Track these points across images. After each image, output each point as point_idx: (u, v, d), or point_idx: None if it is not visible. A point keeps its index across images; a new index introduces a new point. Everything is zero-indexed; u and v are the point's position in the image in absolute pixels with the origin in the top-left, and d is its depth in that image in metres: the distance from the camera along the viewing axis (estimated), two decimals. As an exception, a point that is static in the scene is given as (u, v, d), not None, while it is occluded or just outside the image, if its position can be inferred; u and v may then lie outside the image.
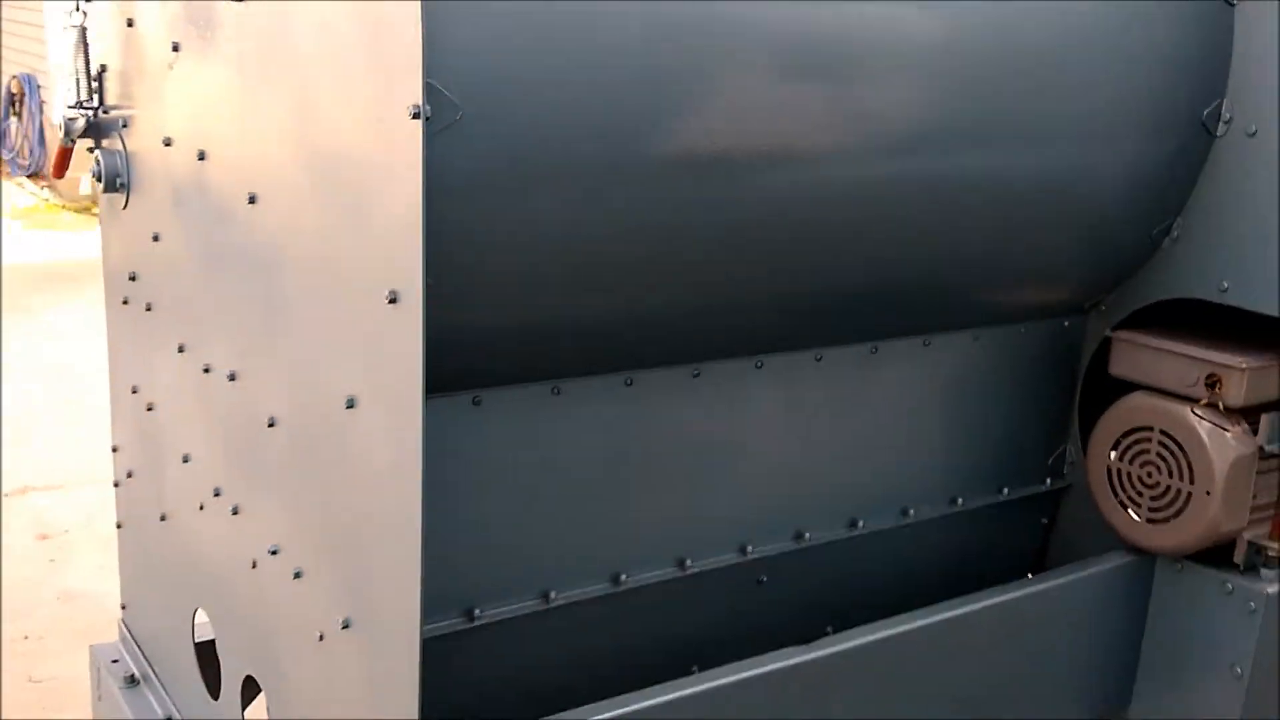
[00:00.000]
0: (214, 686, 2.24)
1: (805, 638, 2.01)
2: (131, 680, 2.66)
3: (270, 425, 1.84)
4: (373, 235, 1.50)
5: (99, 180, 2.40)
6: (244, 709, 2.12)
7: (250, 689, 2.09)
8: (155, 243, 2.27)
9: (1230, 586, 2.30)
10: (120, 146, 2.38)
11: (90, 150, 2.54)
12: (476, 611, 1.94)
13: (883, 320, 2.22)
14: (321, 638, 1.77)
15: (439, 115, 1.45)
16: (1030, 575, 2.49)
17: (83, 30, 2.38)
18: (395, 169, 1.42)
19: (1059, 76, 2.03)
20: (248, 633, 2.04)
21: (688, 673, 1.93)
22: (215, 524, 2.12)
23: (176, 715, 2.47)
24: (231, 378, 1.97)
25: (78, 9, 2.38)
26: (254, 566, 1.98)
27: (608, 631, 2.09)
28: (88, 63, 2.40)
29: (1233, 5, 2.16)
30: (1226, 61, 2.18)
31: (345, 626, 1.69)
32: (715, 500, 2.14)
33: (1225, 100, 2.19)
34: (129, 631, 2.76)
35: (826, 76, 1.79)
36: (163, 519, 2.41)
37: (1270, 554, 2.31)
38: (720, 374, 2.07)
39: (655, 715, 1.80)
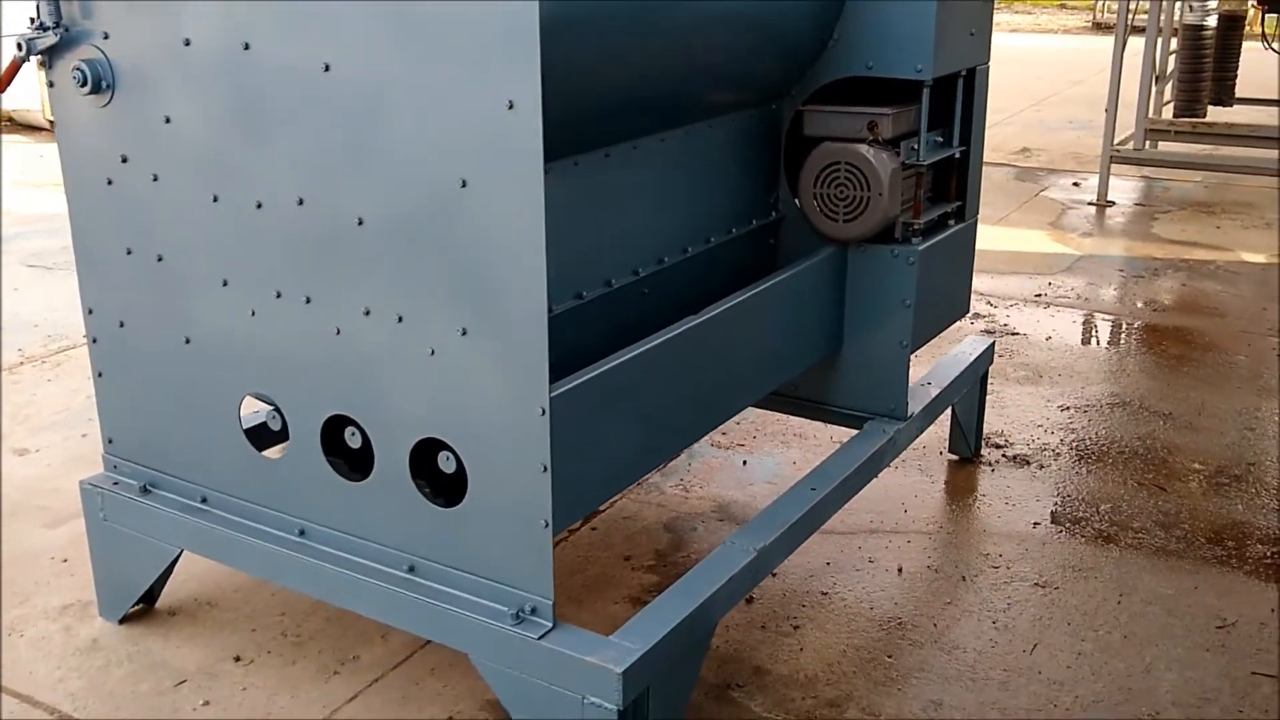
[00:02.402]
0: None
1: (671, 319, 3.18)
2: (145, 490, 3.35)
3: (359, 224, 2.70)
4: (485, 64, 2.42)
5: (83, 85, 3.00)
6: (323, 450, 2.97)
7: (335, 426, 2.94)
8: (166, 124, 2.94)
9: (895, 251, 3.72)
10: (100, 55, 2.99)
11: (43, 64, 3.12)
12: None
13: (666, 116, 3.36)
14: (433, 352, 2.69)
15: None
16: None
17: (49, -40, 2.95)
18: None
19: (774, -60, 3.23)
20: (333, 382, 2.88)
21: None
22: (276, 320, 2.92)
23: (208, 491, 3.22)
24: (300, 202, 2.78)
25: (43, -56, 2.93)
26: (338, 333, 2.83)
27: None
28: (53, -12, 2.97)
29: (854, -113, 3.46)
30: (854, -78, 3.48)
31: (464, 334, 2.63)
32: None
33: (857, -52, 3.51)
34: (120, 458, 3.41)
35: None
36: (187, 341, 3.12)
37: (915, 228, 3.75)
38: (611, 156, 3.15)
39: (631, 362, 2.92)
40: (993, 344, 4.57)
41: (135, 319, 3.22)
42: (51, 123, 9.38)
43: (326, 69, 2.64)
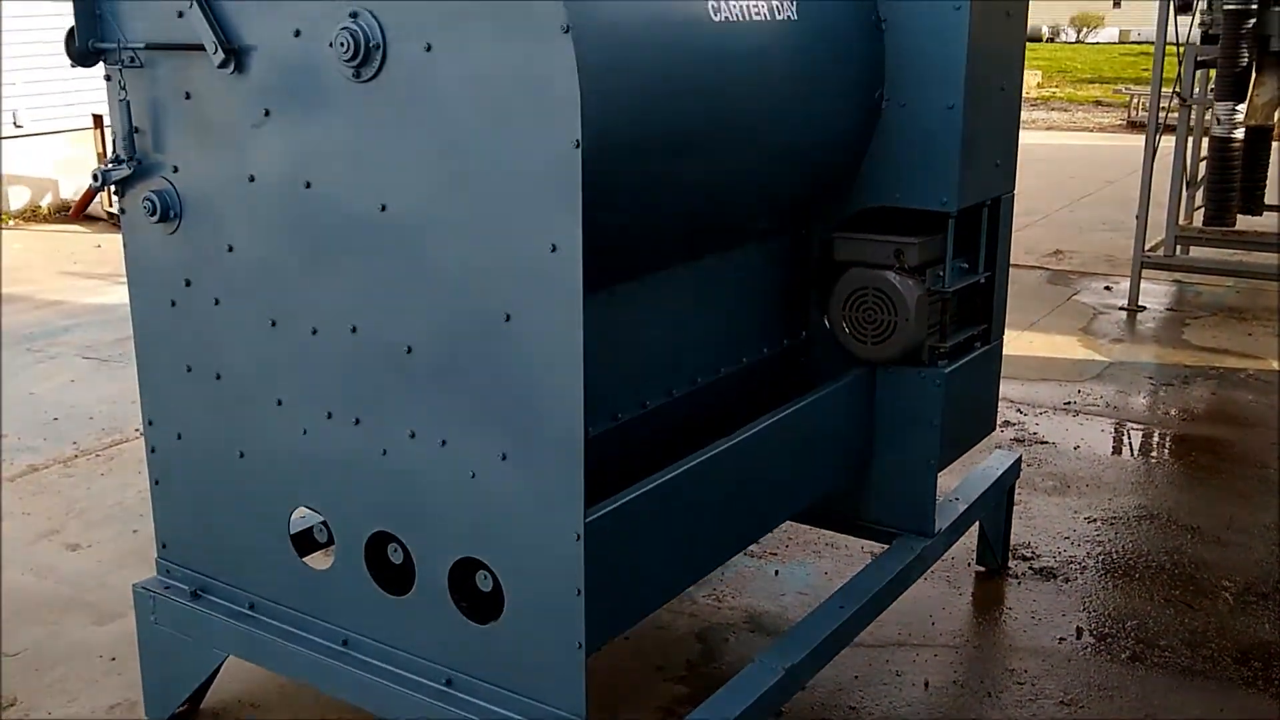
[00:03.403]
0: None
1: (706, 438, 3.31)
2: (195, 595, 3.49)
3: (408, 351, 2.86)
4: (530, 209, 2.58)
5: (153, 214, 3.20)
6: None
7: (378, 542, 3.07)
8: (229, 252, 3.13)
9: (922, 374, 3.84)
10: (169, 186, 3.20)
11: (117, 194, 3.33)
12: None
13: (700, 246, 3.52)
14: (474, 475, 2.83)
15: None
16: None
17: (128, 102, 3.16)
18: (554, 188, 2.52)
19: (799, 87, 3.41)
20: (378, 500, 3.02)
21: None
22: (327, 439, 3.07)
23: (256, 599, 3.36)
24: (354, 330, 2.95)
25: (122, 87, 3.15)
26: (384, 454, 2.98)
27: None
28: (130, 125, 3.19)
29: (882, 30, 3.64)
30: (882, 62, 3.65)
31: (504, 459, 2.77)
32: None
33: (884, 87, 3.68)
34: (173, 563, 3.56)
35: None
36: (241, 456, 3.28)
37: (940, 351, 3.87)
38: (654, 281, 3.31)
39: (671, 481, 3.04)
40: (1019, 458, 4.65)
41: (193, 432, 3.39)
42: (110, 214, 9.78)
43: (383, 208, 2.81)
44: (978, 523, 4.49)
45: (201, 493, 3.42)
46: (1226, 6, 7.44)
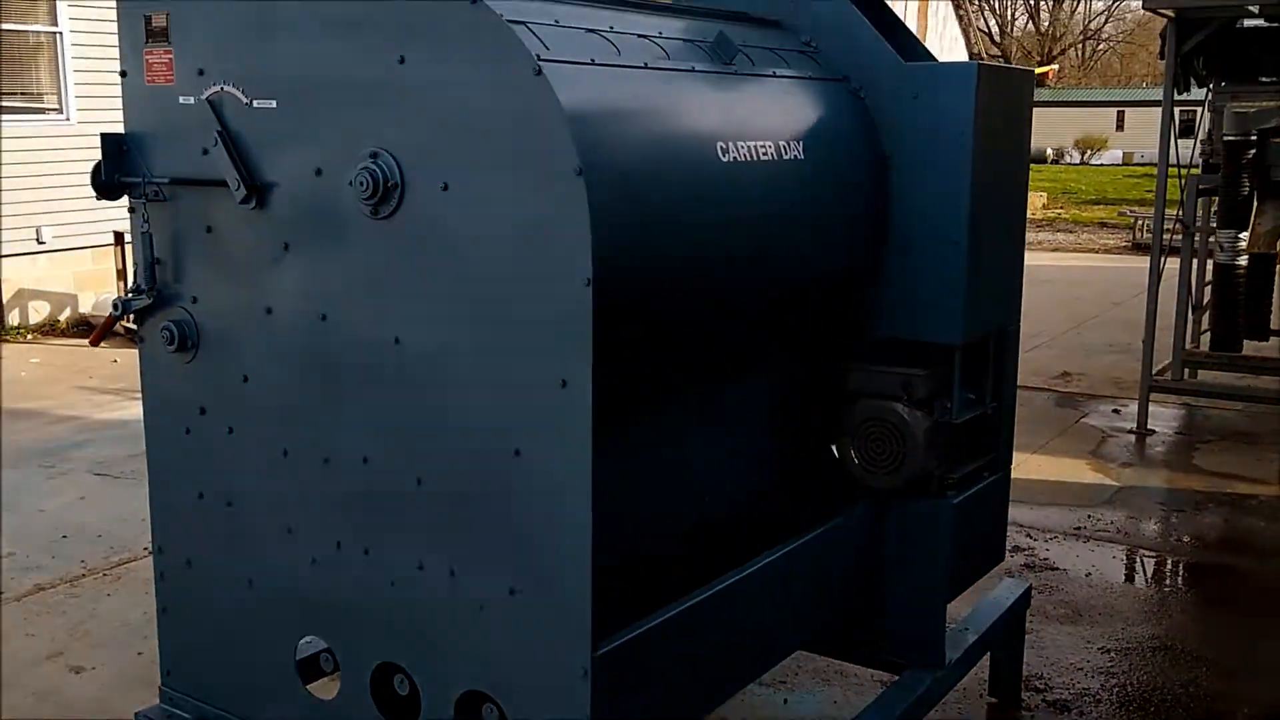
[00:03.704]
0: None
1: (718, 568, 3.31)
2: (197, 724, 3.47)
3: (418, 484, 2.88)
4: (540, 348, 2.63)
5: (170, 342, 3.26)
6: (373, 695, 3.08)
7: (383, 674, 3.06)
8: (244, 382, 3.18)
9: (931, 504, 3.84)
10: (188, 316, 3.26)
11: (136, 322, 3.39)
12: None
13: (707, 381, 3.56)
14: (482, 608, 2.83)
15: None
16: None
17: (150, 234, 3.24)
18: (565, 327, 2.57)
19: (807, 224, 3.48)
20: (385, 630, 3.02)
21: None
22: (335, 569, 3.08)
23: (262, 730, 3.33)
24: (365, 460, 2.98)
25: (145, 220, 3.24)
26: (392, 585, 2.98)
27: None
28: (152, 256, 3.26)
29: (887, 166, 3.72)
30: (888, 197, 3.73)
31: (512, 593, 2.77)
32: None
33: (890, 221, 3.75)
34: (177, 692, 3.53)
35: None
36: (250, 584, 3.28)
37: (948, 482, 3.88)
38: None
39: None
40: (1029, 587, 4.63)
41: (202, 559, 3.39)
42: (128, 329, 9.78)
43: (397, 342, 2.87)
44: (989, 653, 4.44)
45: (208, 621, 3.42)
46: (1227, 137, 7.60)
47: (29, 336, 11.86)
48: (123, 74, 3.26)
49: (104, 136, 3.25)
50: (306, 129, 2.94)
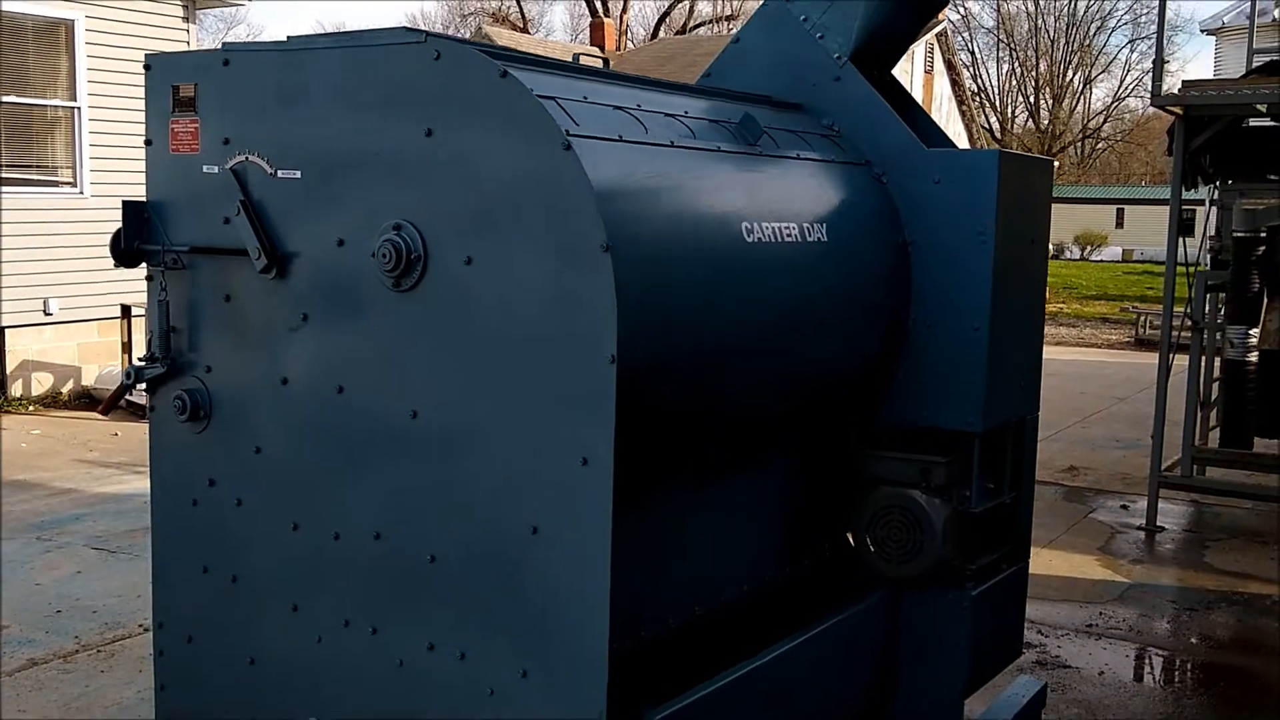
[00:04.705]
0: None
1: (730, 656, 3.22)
2: (192, 808, 3.35)
3: (431, 560, 2.82)
4: (560, 422, 2.59)
5: (182, 412, 3.22)
6: (375, 777, 2.98)
7: (387, 759, 2.96)
8: (256, 454, 3.13)
9: (949, 595, 3.77)
10: (200, 385, 3.22)
11: (148, 391, 3.35)
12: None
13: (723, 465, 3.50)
14: (492, 692, 2.75)
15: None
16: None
17: (167, 302, 3.21)
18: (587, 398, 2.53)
19: (829, 308, 3.45)
20: (391, 713, 2.92)
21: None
22: (342, 648, 3.00)
23: (258, 818, 3.22)
24: (377, 536, 2.91)
25: (163, 288, 3.21)
26: (400, 665, 2.90)
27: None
28: (167, 324, 3.23)
29: (909, 253, 3.71)
30: (909, 284, 3.71)
31: (524, 675, 2.69)
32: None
33: (911, 306, 3.73)
34: (171, 773, 3.43)
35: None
36: (252, 662, 3.19)
37: (967, 571, 3.81)
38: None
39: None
40: (1045, 686, 4.52)
41: (204, 636, 3.31)
42: (130, 403, 9.69)
43: (414, 415, 2.82)
44: (1004, 752, 4.32)
45: (209, 700, 3.32)
46: (1236, 234, 7.63)
47: (30, 408, 11.79)
48: (148, 142, 3.26)
49: (126, 204, 3.23)
50: (330, 200, 2.93)
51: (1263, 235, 7.60)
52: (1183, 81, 8.08)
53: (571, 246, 2.54)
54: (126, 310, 11.75)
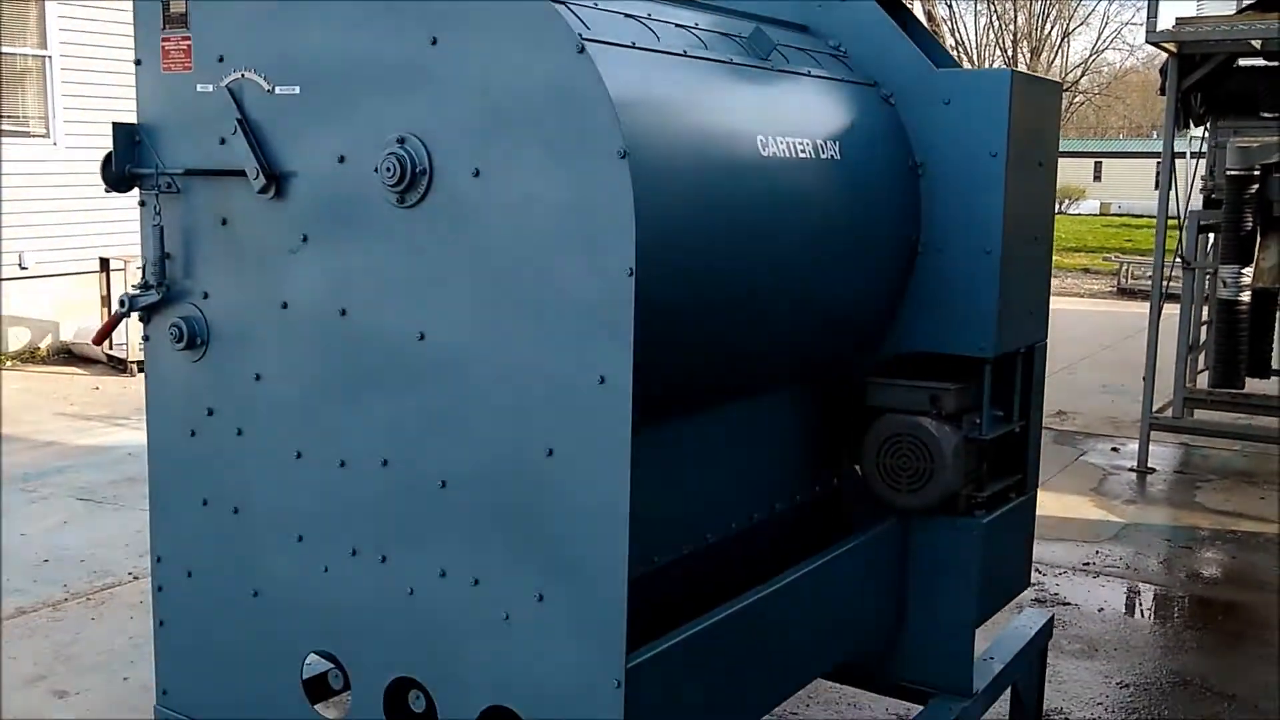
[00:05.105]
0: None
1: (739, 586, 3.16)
2: (196, 744, 3.29)
3: (442, 486, 2.74)
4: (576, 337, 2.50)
5: (179, 340, 3.12)
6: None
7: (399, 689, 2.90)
8: (256, 381, 3.04)
9: (959, 524, 3.72)
10: (197, 313, 3.12)
11: (142, 320, 3.25)
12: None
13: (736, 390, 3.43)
14: (507, 617, 2.68)
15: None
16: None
17: (161, 227, 3.11)
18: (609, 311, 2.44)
19: (842, 226, 3.37)
20: (402, 643, 2.85)
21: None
22: (349, 578, 2.92)
23: (262, 752, 3.16)
24: (385, 463, 2.83)
25: (157, 213, 3.10)
26: (411, 593, 2.83)
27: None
28: (161, 251, 3.13)
29: (918, 175, 3.63)
30: (918, 207, 3.63)
31: (540, 600, 2.63)
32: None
33: (920, 232, 3.65)
34: (174, 712, 3.35)
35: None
36: (255, 595, 3.12)
37: (977, 500, 3.76)
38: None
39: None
40: (1051, 617, 4.50)
41: (205, 569, 3.23)
42: (110, 357, 9.65)
43: (422, 337, 2.73)
44: (1010, 685, 4.29)
45: (210, 635, 3.25)
46: (1230, 172, 7.57)
47: (9, 363, 11.63)
48: (137, 62, 3.14)
49: (116, 126, 3.12)
50: (330, 115, 2.82)
51: (1256, 173, 7.55)
52: (1176, 18, 8.00)
53: (587, 154, 2.45)
54: (105, 263, 11.58)
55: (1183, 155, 10.11)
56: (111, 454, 8.21)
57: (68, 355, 11.96)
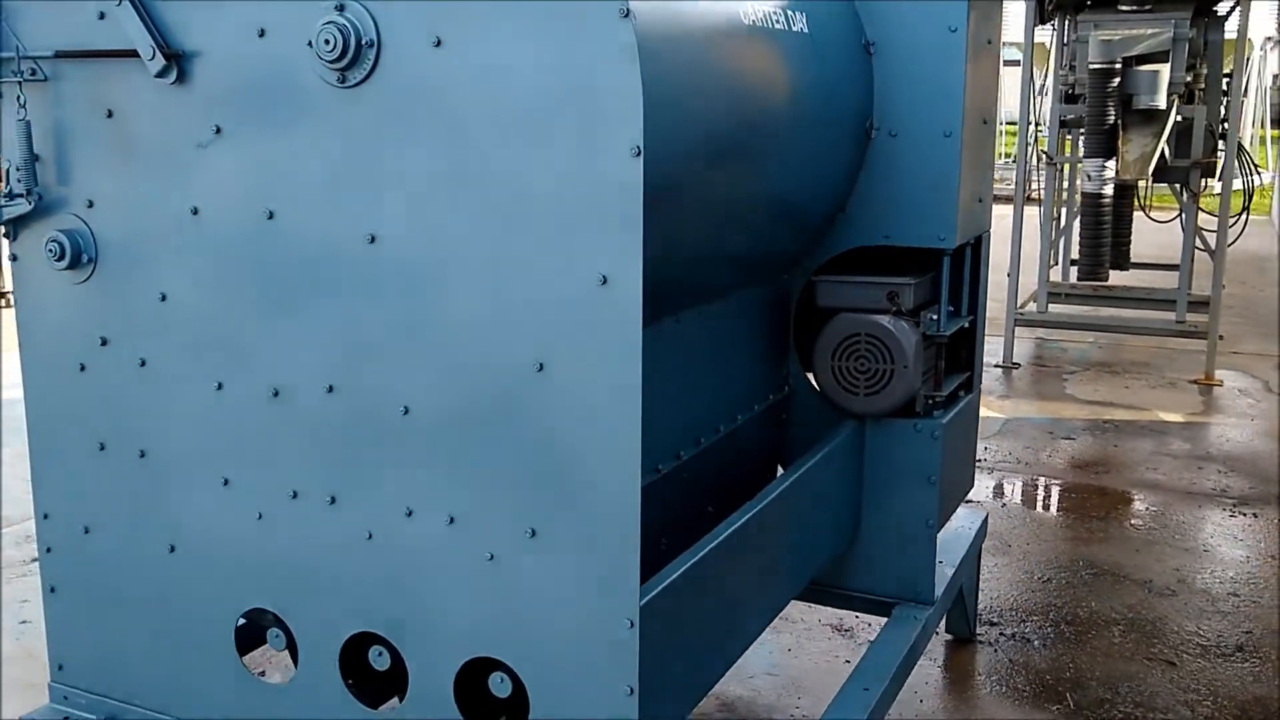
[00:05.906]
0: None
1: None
2: (104, 724, 2.85)
3: (405, 413, 2.37)
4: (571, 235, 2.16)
5: (59, 258, 2.63)
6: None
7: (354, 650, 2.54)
8: (162, 302, 2.58)
9: (918, 426, 3.53)
10: (80, 224, 2.63)
11: (7, 236, 2.73)
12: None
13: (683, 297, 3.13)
14: (491, 557, 2.34)
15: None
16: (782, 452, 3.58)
17: (28, 123, 2.59)
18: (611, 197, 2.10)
19: (813, 102, 3.08)
20: (360, 595, 2.49)
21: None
22: (290, 524, 2.53)
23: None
24: (330, 389, 2.43)
25: (22, 106, 2.58)
26: (369, 538, 2.46)
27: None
28: (30, 152, 2.61)
29: (870, 55, 3.36)
30: (871, 89, 3.37)
31: (532, 535, 2.30)
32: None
33: (873, 116, 3.40)
34: (72, 688, 2.91)
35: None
36: (172, 550, 2.69)
37: (936, 400, 3.58)
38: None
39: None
40: (987, 516, 4.40)
41: (104, 525, 2.78)
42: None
43: (372, 240, 2.34)
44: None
45: (114, 599, 2.80)
46: (1092, 65, 7.58)
47: None
48: (-18, -80, 2.59)
49: (-40, 1, 2.58)
50: (244, -21, 2.36)
51: (1117, 66, 7.59)
52: (1037, -90, 7.93)
53: (578, 14, 2.08)
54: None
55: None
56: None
57: None
